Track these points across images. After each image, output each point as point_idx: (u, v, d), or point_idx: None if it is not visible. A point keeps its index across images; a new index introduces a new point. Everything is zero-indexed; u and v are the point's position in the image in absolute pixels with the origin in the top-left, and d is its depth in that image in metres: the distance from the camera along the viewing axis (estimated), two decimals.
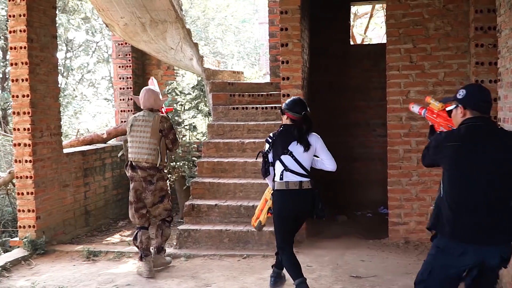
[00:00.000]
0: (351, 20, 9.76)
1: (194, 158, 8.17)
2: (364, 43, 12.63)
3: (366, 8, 13.09)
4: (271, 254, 5.60)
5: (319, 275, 5.27)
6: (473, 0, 5.90)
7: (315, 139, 4.60)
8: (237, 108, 7.67)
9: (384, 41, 6.92)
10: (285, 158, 4.54)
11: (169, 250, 6.13)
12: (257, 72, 20.19)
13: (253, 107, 7.59)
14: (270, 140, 4.65)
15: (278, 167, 4.56)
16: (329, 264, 5.58)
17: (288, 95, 6.28)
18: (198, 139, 9.21)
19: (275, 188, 4.59)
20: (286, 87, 6.44)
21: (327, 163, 4.62)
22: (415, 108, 3.86)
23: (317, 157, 4.66)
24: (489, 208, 3.07)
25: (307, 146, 4.53)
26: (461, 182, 3.13)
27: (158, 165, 5.46)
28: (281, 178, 4.53)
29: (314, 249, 6.15)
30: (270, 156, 4.63)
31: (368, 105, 8.75)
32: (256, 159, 5.67)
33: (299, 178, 4.51)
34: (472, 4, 5.94)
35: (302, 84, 6.55)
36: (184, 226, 6.36)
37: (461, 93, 3.23)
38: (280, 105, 6.35)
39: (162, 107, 5.77)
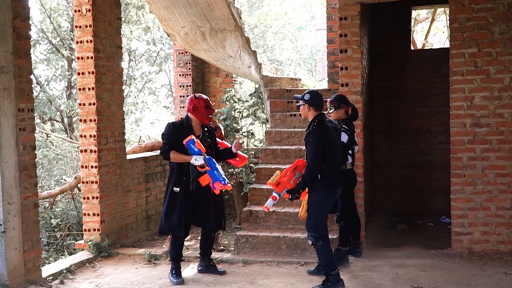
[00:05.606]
0: (412, 25, 9.57)
1: (251, 165, 8.23)
2: (425, 48, 12.34)
3: (427, 12, 12.81)
4: None
5: (379, 284, 5.18)
6: None
7: None
8: (294, 115, 7.67)
9: (446, 46, 6.75)
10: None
11: (227, 255, 6.21)
12: (315, 78, 20.15)
13: None
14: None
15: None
16: (389, 274, 5.47)
17: None
18: (255, 145, 9.28)
19: (349, 168, 5.71)
20: (345, 94, 6.37)
21: None
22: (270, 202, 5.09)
23: None
24: None
25: None
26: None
27: None
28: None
29: (374, 258, 6.04)
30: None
31: (430, 111, 8.56)
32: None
33: None
34: None
35: (361, 90, 6.48)
36: (242, 232, 6.41)
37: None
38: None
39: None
